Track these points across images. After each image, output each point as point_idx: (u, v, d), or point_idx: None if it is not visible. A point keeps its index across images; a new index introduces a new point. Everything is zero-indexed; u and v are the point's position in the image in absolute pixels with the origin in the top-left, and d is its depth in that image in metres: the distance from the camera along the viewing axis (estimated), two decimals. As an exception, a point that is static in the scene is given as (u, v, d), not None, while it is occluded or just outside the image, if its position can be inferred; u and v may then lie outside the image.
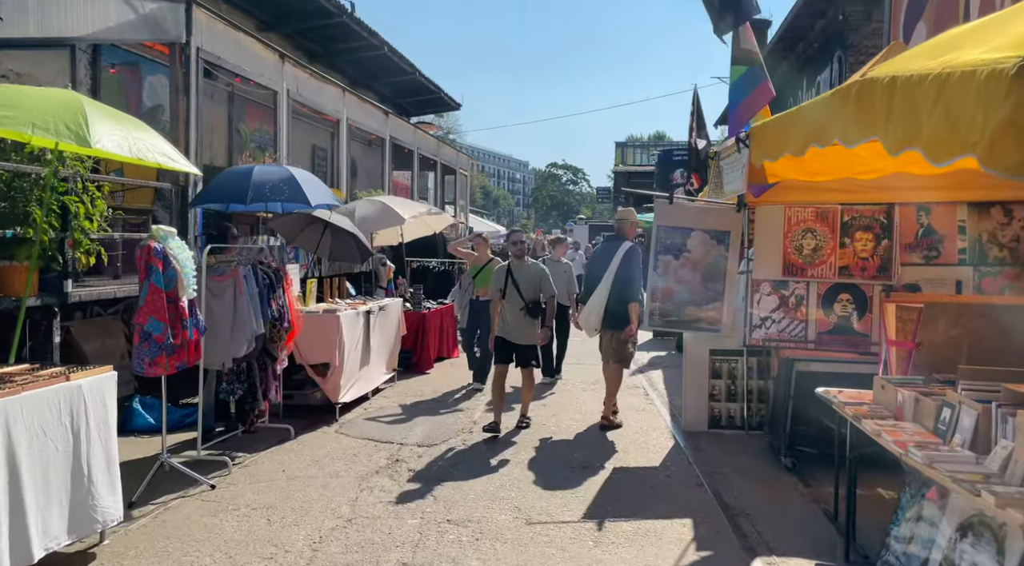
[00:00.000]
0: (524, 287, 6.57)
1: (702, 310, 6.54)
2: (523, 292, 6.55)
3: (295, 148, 12.60)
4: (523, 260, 6.76)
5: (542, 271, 6.74)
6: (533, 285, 6.62)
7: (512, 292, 6.57)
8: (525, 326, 6.59)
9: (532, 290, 6.60)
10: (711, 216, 6.56)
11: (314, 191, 6.05)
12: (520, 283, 6.58)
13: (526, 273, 6.65)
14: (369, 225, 9.13)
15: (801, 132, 3.74)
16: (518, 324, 6.56)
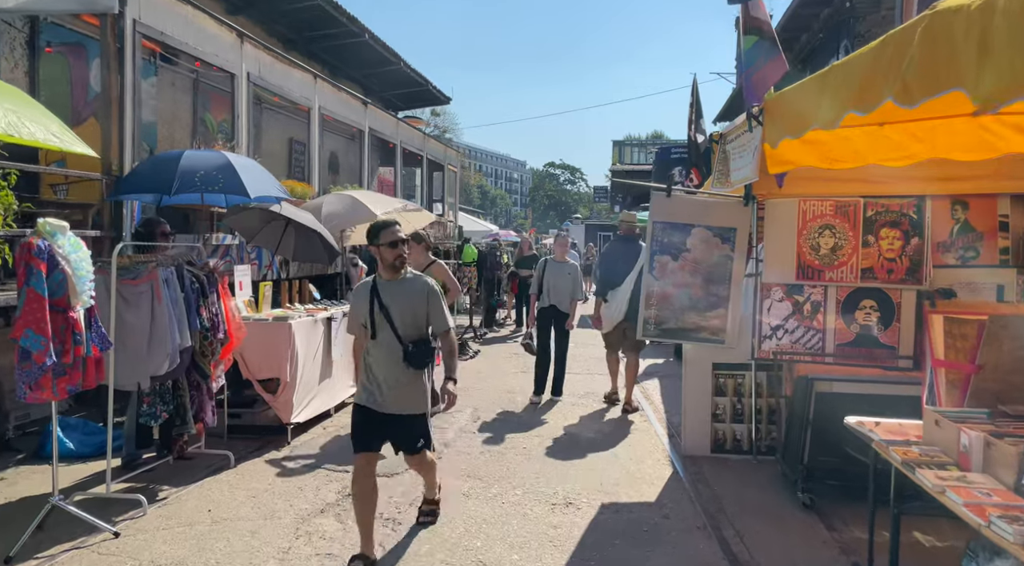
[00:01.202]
0: (400, 317, 3.82)
1: (704, 318, 5.72)
2: (398, 325, 3.81)
3: (268, 140, 11.79)
4: (399, 273, 3.90)
5: (428, 289, 3.92)
6: (415, 313, 3.87)
7: (382, 326, 3.82)
8: (405, 383, 3.88)
9: (413, 321, 3.87)
10: (714, 211, 5.74)
11: (255, 181, 5.21)
12: (393, 310, 3.82)
13: (405, 292, 3.87)
14: (337, 222, 8.29)
15: (836, 97, 2.92)
16: (393, 381, 3.84)
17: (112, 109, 6.29)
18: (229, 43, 8.00)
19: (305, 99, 10.00)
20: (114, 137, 6.28)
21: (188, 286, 4.80)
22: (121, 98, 6.31)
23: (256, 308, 6.62)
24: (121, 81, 6.30)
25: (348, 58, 14.88)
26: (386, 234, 3.85)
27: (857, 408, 4.30)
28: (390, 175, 17.27)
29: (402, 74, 16.60)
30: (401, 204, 9.15)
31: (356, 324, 3.96)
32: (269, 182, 5.53)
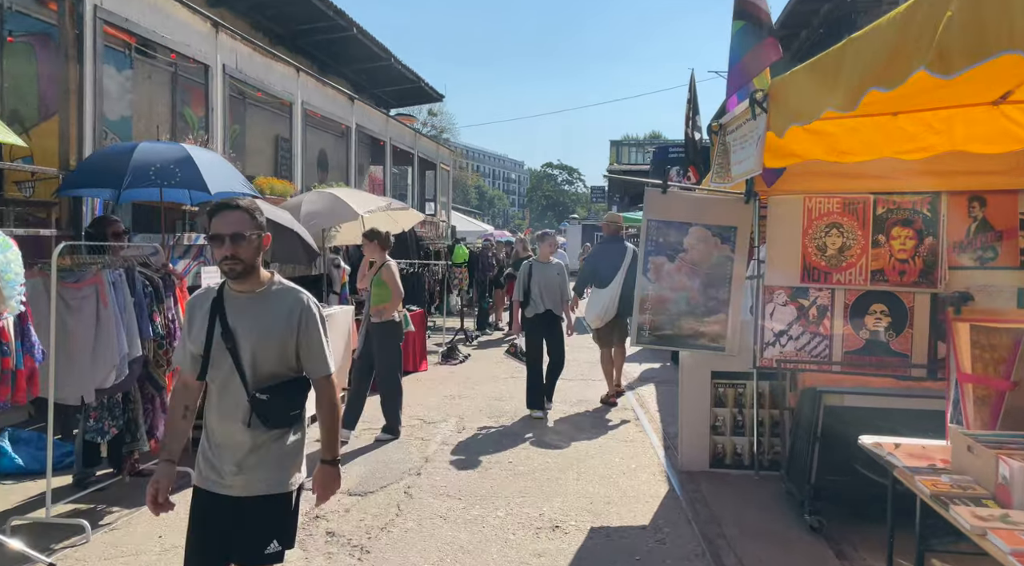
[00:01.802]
0: (251, 349, 2.43)
1: (702, 323, 5.33)
2: (246, 362, 2.42)
3: (254, 137, 11.37)
4: (250, 283, 2.48)
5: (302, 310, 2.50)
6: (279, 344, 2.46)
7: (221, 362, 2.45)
8: (257, 450, 2.47)
9: (272, 357, 2.46)
10: (713, 208, 5.35)
11: (217, 176, 4.82)
12: (241, 338, 2.43)
13: (263, 312, 2.47)
14: (318, 221, 7.91)
15: (855, 72, 2.53)
16: (238, 447, 2.47)
17: (71, 100, 5.90)
18: (203, 33, 7.61)
19: (287, 93, 9.62)
20: (72, 130, 5.90)
21: (140, 290, 4.40)
22: (80, 88, 5.92)
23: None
24: (80, 70, 5.92)
25: (337, 54, 14.49)
26: (216, 222, 2.39)
27: (870, 423, 3.92)
28: (381, 173, 16.91)
29: (393, 71, 16.20)
30: (385, 202, 8.77)
31: (183, 353, 2.56)
32: (233, 177, 5.13)
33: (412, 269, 11.03)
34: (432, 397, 7.98)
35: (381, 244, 6.19)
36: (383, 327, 6.09)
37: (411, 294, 10.81)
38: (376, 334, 6.14)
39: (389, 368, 6.13)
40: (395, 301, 6.08)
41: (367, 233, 6.20)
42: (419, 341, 9.69)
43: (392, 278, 6.05)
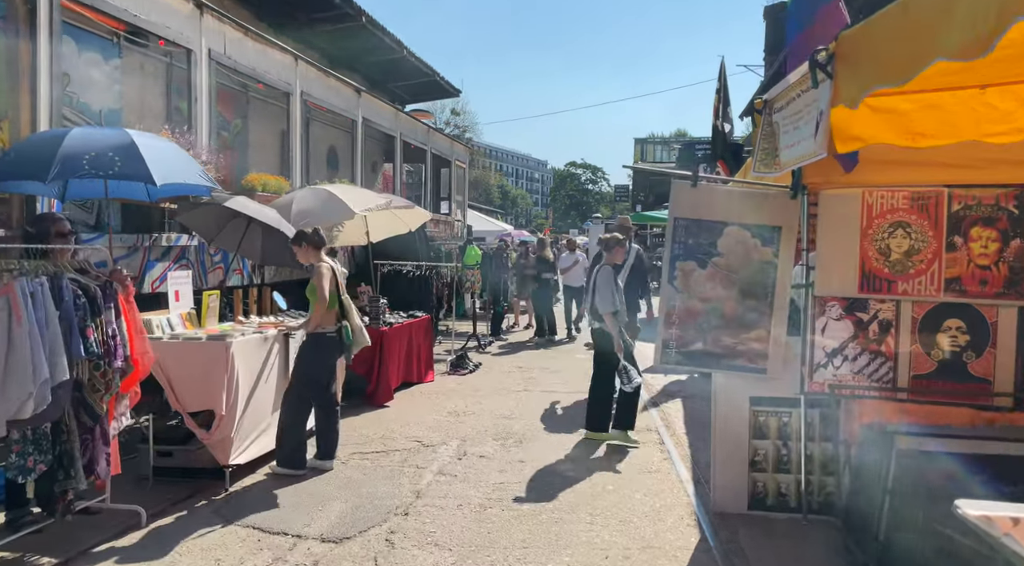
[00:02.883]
0: None
1: (740, 340, 4.52)
2: None
3: (258, 131, 10.69)
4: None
5: None
6: None
7: None
8: None
9: None
10: (753, 205, 4.54)
11: (167, 166, 4.11)
12: None
13: None
14: (311, 219, 7.17)
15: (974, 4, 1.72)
16: None
17: (21, 83, 5.24)
18: (184, 14, 6.95)
19: (284, 83, 8.94)
20: (24, 117, 5.24)
21: (69, 301, 3.71)
22: (33, 70, 5.26)
23: (198, 322, 5.54)
24: (33, 49, 5.26)
25: (346, 46, 13.82)
26: None
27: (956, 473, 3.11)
28: (402, 173, 16.21)
29: (407, 64, 15.51)
30: (385, 199, 8.04)
31: None
32: (187, 168, 4.43)
33: (418, 272, 10.30)
34: (434, 414, 7.24)
35: (312, 244, 5.40)
36: (309, 340, 5.31)
37: (417, 298, 10.10)
38: (302, 349, 5.36)
39: (316, 385, 5.28)
40: (317, 310, 5.25)
41: (295, 237, 5.45)
42: (424, 350, 8.96)
43: (319, 283, 5.27)
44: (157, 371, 4.86)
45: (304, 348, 5.31)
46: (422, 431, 6.60)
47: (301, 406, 5.26)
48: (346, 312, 5.36)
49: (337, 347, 5.32)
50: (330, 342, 5.29)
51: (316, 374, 5.27)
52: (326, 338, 5.28)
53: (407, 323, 8.47)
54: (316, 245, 5.39)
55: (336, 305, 5.32)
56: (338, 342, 5.31)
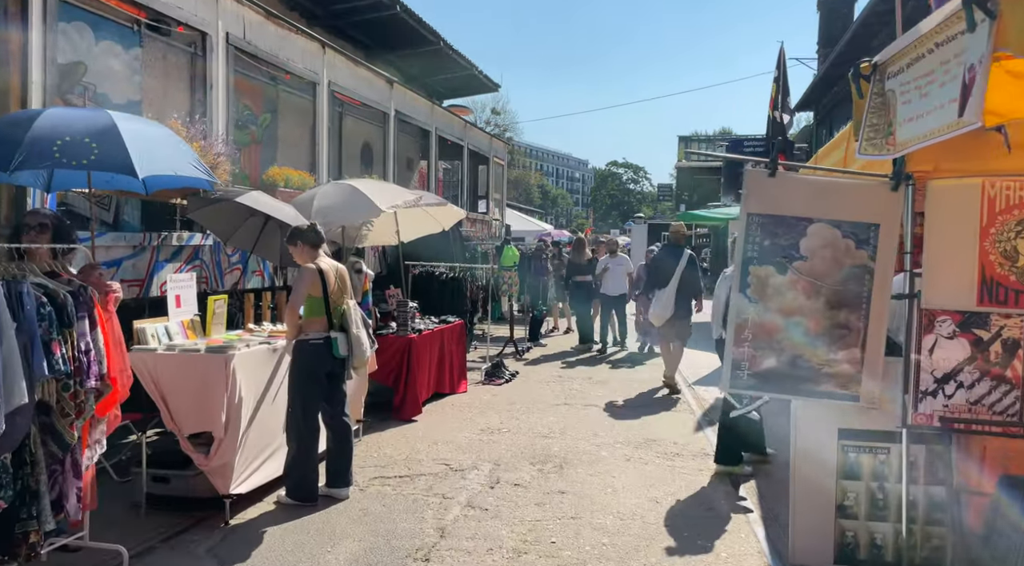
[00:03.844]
0: None
1: (827, 361, 3.75)
2: None
3: (288, 126, 10.18)
4: None
5: None
6: None
7: None
8: None
9: None
10: (845, 197, 3.76)
11: (153, 154, 3.53)
12: None
13: None
14: (333, 217, 6.62)
15: None
16: None
17: (12, 66, 4.75)
18: (198, -7, 6.43)
19: (310, 72, 8.40)
20: (14, 103, 4.75)
21: (31, 310, 3.14)
22: (24, 53, 4.77)
23: (203, 331, 4.98)
24: (25, 29, 4.76)
25: (380, 36, 13.29)
26: None
27: None
28: (428, 168, 15.63)
29: (444, 57, 14.91)
30: (415, 196, 7.41)
31: None
32: (178, 157, 3.84)
33: (452, 273, 9.68)
34: (465, 431, 6.58)
35: (309, 243, 4.74)
36: (292, 350, 4.69)
37: (451, 302, 9.47)
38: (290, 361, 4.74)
39: (292, 405, 4.64)
40: (288, 318, 4.60)
41: (290, 235, 4.80)
42: (457, 358, 8.33)
43: (295, 287, 4.64)
44: (150, 387, 4.31)
45: (291, 362, 4.70)
46: (451, 452, 5.94)
47: (305, 428, 4.63)
48: (345, 320, 4.72)
49: (324, 357, 4.65)
50: (313, 351, 4.63)
51: (299, 388, 4.64)
52: (308, 346, 4.63)
53: (438, 329, 7.84)
54: (313, 244, 4.77)
55: (323, 312, 4.68)
56: (325, 352, 4.65)
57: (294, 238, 4.77)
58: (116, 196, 5.94)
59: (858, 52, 17.19)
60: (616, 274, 11.42)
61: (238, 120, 9.34)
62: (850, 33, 15.77)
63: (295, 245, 4.76)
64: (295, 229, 4.82)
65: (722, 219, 14.85)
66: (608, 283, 11.46)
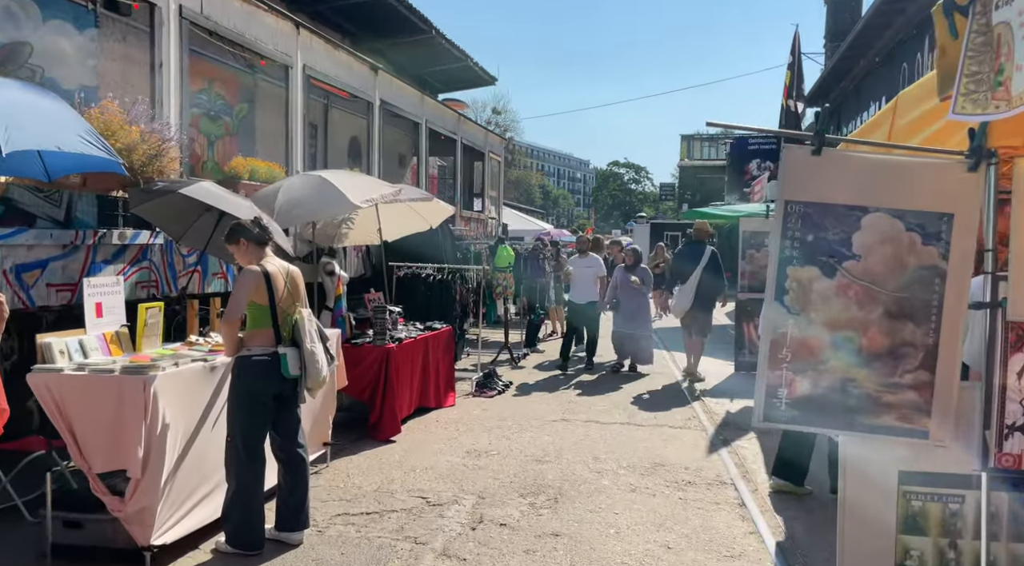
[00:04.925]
0: None
1: (887, 387, 2.97)
2: None
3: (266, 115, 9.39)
4: None
5: None
6: None
7: None
8: None
9: None
10: (907, 180, 2.98)
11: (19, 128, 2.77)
12: None
13: None
14: (299, 212, 5.88)
15: None
16: None
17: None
18: (144, -40, 5.68)
19: (283, 55, 7.64)
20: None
21: None
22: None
23: (132, 345, 4.21)
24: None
25: (367, 23, 12.55)
26: None
27: None
28: (430, 165, 14.86)
29: (436, 46, 14.15)
30: (393, 189, 6.63)
31: None
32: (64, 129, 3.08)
33: (441, 276, 8.91)
34: (448, 455, 5.81)
35: (254, 240, 3.97)
36: (233, 369, 3.93)
37: (438, 307, 8.70)
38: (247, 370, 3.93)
39: (231, 435, 3.86)
40: (223, 330, 3.83)
41: (229, 232, 4.00)
42: (444, 368, 7.56)
43: (234, 291, 3.87)
44: (54, 415, 3.56)
45: (230, 380, 3.93)
46: (430, 481, 5.18)
47: (247, 461, 3.86)
48: (297, 333, 3.95)
49: (270, 377, 3.88)
50: (257, 370, 3.86)
51: (239, 414, 3.87)
52: (251, 364, 3.86)
53: (422, 337, 7.07)
54: (259, 241, 4.00)
55: (269, 323, 3.91)
56: (271, 370, 3.88)
57: (235, 235, 4.00)
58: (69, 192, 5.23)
59: (869, 44, 16.39)
60: (583, 277, 9.78)
61: (210, 110, 8.61)
62: (861, 23, 14.98)
63: (236, 243, 4.00)
64: (235, 225, 4.05)
65: (730, 217, 14.08)
66: (574, 288, 9.98)
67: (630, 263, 9.58)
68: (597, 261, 9.87)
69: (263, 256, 4.00)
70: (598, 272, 9.70)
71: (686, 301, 8.88)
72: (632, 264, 9.55)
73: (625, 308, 9.38)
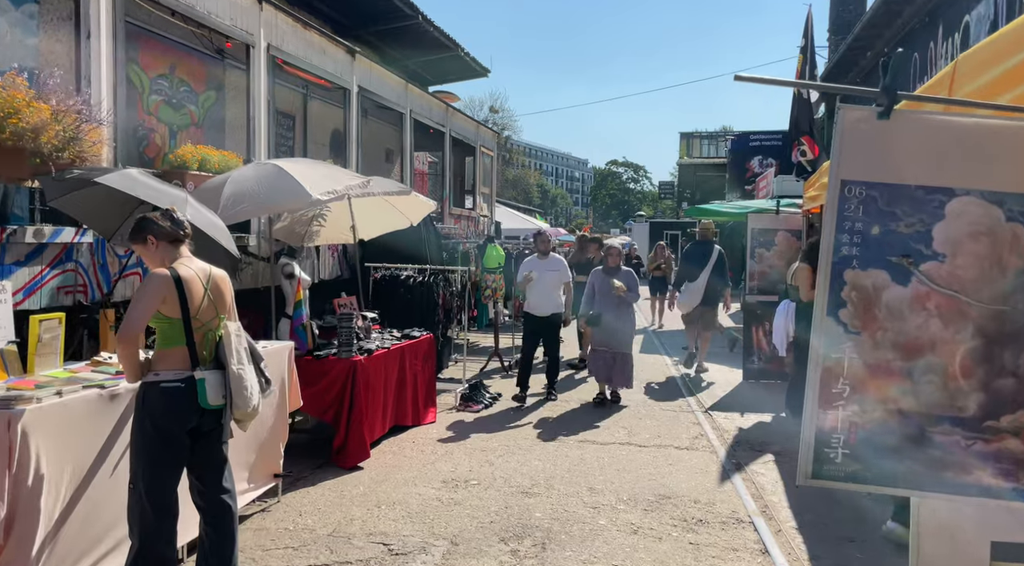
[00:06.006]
0: None
1: (979, 434, 2.20)
2: None
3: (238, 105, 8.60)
4: None
5: None
6: None
7: None
8: None
9: None
10: (1007, 152, 2.21)
11: None
12: None
13: None
14: (247, 206, 5.08)
15: None
16: None
17: None
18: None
19: (242, 32, 6.85)
20: None
21: None
22: None
23: (22, 367, 3.43)
24: None
25: (347, 8, 11.77)
26: None
27: None
28: (418, 161, 14.08)
29: (423, 33, 13.37)
30: (360, 180, 5.83)
31: None
32: None
33: (423, 278, 8.13)
34: (421, 486, 5.03)
35: (164, 237, 3.20)
36: (136, 398, 3.14)
37: (420, 312, 7.92)
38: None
39: (132, 480, 3.07)
40: (120, 347, 3.01)
41: (135, 228, 3.20)
42: (423, 380, 6.78)
43: (134, 300, 3.09)
44: None
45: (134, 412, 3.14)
46: (396, 521, 4.40)
47: (152, 512, 3.07)
48: (221, 352, 3.17)
49: (183, 408, 3.10)
50: (165, 399, 3.07)
51: (143, 454, 3.08)
52: (159, 391, 3.08)
53: (397, 347, 6.29)
54: (172, 239, 3.22)
55: (181, 341, 3.13)
56: (185, 400, 3.10)
57: (141, 231, 3.22)
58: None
59: (878, 35, 15.65)
60: (545, 284, 7.71)
61: (172, 98, 7.84)
62: (869, 13, 14.25)
63: (142, 241, 3.22)
64: (140, 219, 3.27)
65: (736, 214, 13.32)
66: (532, 296, 7.77)
67: (613, 265, 7.66)
68: (562, 264, 7.99)
69: (177, 257, 3.22)
70: (563, 277, 7.84)
71: (695, 299, 9.22)
72: (615, 267, 7.64)
73: (605, 321, 7.46)
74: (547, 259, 7.85)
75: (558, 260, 8.04)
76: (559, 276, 7.79)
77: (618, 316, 7.48)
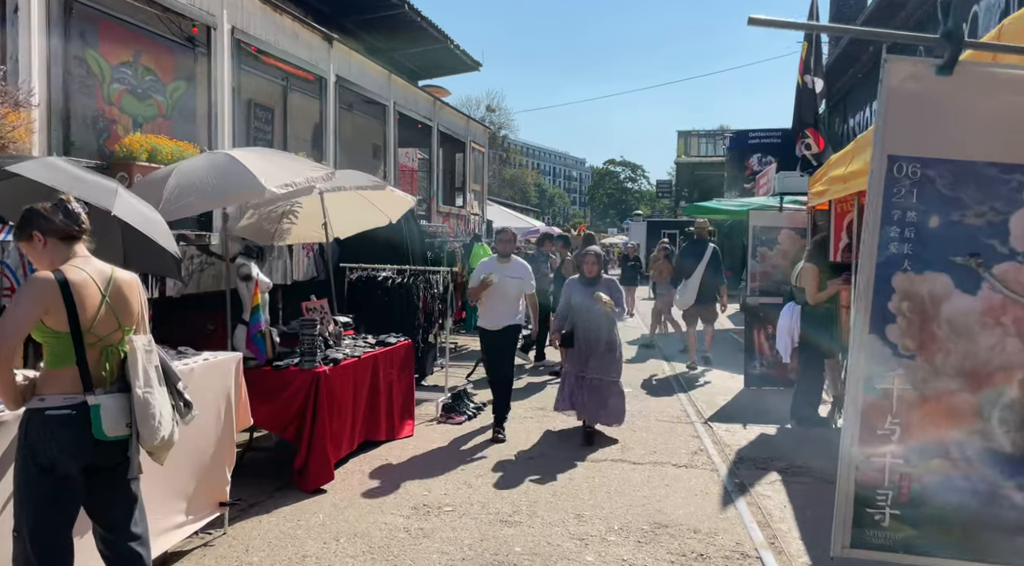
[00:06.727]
0: None
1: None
2: None
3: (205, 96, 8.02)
4: None
5: None
6: None
7: None
8: None
9: None
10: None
11: None
12: None
13: None
14: (193, 200, 4.54)
15: None
16: None
17: None
18: None
19: (205, 14, 6.32)
20: None
21: None
22: None
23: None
24: None
25: (331, -2, 11.22)
26: None
27: None
28: (407, 158, 13.54)
29: (409, 23, 12.82)
30: (324, 172, 5.28)
31: None
32: None
33: (402, 279, 7.60)
34: (388, 512, 4.50)
35: (52, 232, 2.66)
36: (19, 428, 2.62)
37: (397, 316, 7.38)
38: None
39: (16, 526, 2.56)
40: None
41: (16, 225, 2.67)
42: (399, 391, 6.24)
43: (9, 307, 2.56)
44: None
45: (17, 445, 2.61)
46: (354, 558, 3.86)
47: (41, 557, 2.53)
48: (127, 372, 2.65)
49: (76, 440, 2.57)
50: (51, 428, 2.55)
51: (26, 495, 2.55)
52: (42, 420, 2.55)
53: (369, 355, 5.75)
54: (62, 234, 2.69)
55: (71, 359, 2.60)
56: (77, 429, 2.57)
57: (28, 226, 2.68)
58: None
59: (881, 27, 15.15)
60: (503, 291, 6.28)
61: (137, 87, 7.29)
62: (872, 5, 13.74)
63: (27, 238, 2.68)
64: (26, 211, 2.73)
65: (736, 212, 12.80)
66: (489, 307, 6.39)
67: (591, 275, 6.28)
68: (525, 269, 6.51)
69: (69, 256, 2.69)
70: (525, 287, 6.42)
71: (691, 296, 9.51)
72: (595, 276, 6.29)
73: (585, 342, 6.10)
74: (508, 263, 6.42)
75: (521, 265, 6.54)
76: (520, 285, 6.36)
77: (602, 335, 6.11)
